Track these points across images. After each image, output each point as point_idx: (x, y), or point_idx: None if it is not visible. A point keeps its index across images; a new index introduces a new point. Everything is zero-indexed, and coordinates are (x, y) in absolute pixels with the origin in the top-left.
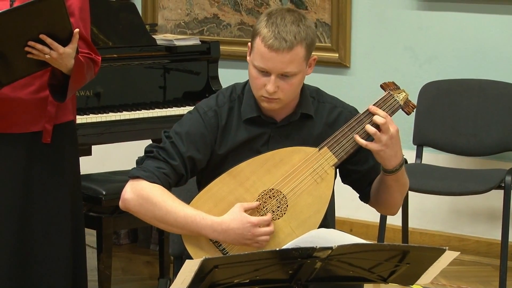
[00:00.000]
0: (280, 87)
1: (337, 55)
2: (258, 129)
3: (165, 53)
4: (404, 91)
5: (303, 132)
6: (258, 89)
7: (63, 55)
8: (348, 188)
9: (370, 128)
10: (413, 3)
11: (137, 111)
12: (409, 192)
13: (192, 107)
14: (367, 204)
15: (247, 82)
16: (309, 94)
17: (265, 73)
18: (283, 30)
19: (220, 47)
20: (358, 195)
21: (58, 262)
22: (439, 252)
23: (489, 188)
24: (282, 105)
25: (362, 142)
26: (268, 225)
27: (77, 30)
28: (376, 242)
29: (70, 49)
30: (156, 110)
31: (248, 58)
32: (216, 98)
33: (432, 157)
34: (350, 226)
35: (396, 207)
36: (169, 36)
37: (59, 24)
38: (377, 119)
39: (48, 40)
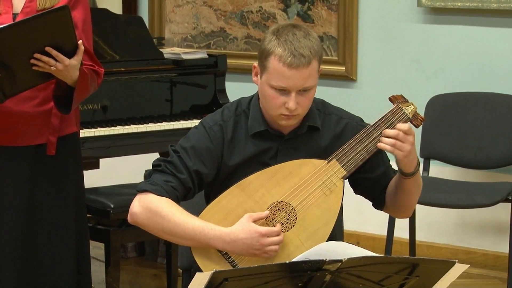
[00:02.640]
0: (300, 103)
1: (344, 68)
2: (266, 143)
3: (172, 67)
4: (412, 104)
5: (310, 144)
6: (277, 108)
7: (69, 67)
8: (355, 201)
9: (389, 142)
10: (420, 16)
11: (144, 125)
12: (416, 205)
13: (199, 120)
14: (381, 211)
15: (252, 97)
16: (315, 107)
17: (284, 91)
18: (298, 46)
19: (227, 61)
20: (372, 203)
21: (63, 274)
22: (448, 265)
23: (496, 201)
24: (299, 119)
25: (388, 148)
26: (277, 235)
27: (81, 42)
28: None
29: (75, 61)
30: (164, 123)
31: (254, 79)
32: (221, 112)
33: (439, 170)
34: (357, 239)
35: (412, 208)
36: (176, 49)
37: (65, 37)
38: (391, 132)
39: (54, 52)
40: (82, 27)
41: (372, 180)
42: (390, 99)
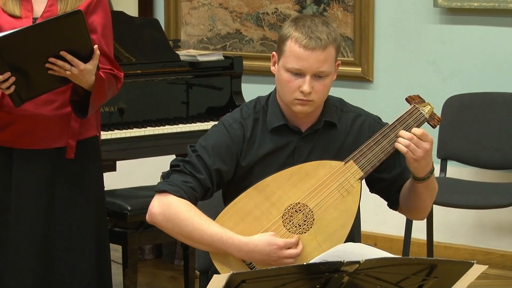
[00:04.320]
0: (314, 88)
1: (360, 69)
2: (284, 139)
3: (189, 69)
4: (429, 104)
5: (327, 140)
6: (292, 92)
7: (84, 72)
8: (372, 202)
9: (403, 141)
10: (436, 17)
11: (161, 127)
12: (434, 205)
13: (215, 122)
14: (396, 211)
15: (270, 94)
16: (332, 104)
17: (299, 75)
18: (316, 30)
19: (243, 62)
20: (387, 203)
21: (82, 279)
22: (467, 266)
23: None
24: (314, 108)
25: (402, 148)
26: (296, 246)
27: (96, 46)
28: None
29: (91, 66)
30: (180, 125)
31: (272, 68)
32: (240, 110)
33: (456, 170)
34: (374, 240)
35: (426, 211)
36: (192, 51)
37: (80, 41)
38: (406, 134)
39: (69, 57)
40: (102, 32)
41: (388, 181)
42: (407, 99)
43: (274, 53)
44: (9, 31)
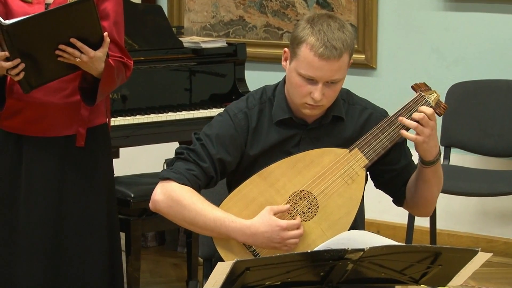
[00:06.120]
0: (325, 94)
1: (364, 56)
2: (289, 131)
3: (192, 56)
4: (435, 92)
5: (334, 134)
6: (302, 96)
7: (94, 59)
8: (375, 190)
9: (411, 123)
10: (440, 4)
11: (164, 114)
12: None
13: (219, 109)
14: (402, 208)
15: (277, 85)
16: (340, 97)
17: (311, 81)
18: (332, 38)
19: (246, 49)
20: (392, 198)
21: (94, 265)
22: (471, 253)
23: None
24: (323, 110)
25: (408, 135)
26: (297, 228)
27: (106, 33)
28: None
29: (101, 53)
30: (183, 112)
31: (284, 63)
32: (246, 100)
33: (460, 158)
34: (377, 228)
35: (433, 204)
36: (195, 38)
37: (90, 28)
38: (416, 115)
39: (79, 44)
40: (114, 19)
41: (393, 173)
42: (412, 87)
43: (286, 49)
44: (19, 18)
